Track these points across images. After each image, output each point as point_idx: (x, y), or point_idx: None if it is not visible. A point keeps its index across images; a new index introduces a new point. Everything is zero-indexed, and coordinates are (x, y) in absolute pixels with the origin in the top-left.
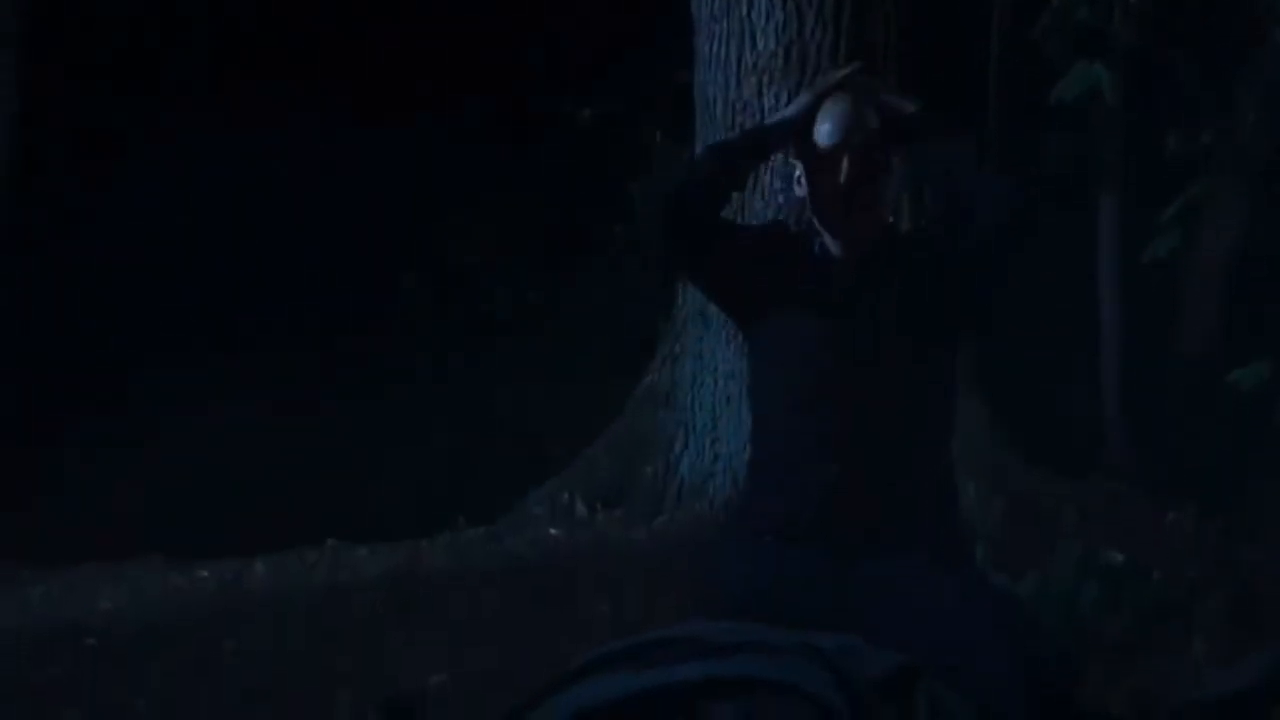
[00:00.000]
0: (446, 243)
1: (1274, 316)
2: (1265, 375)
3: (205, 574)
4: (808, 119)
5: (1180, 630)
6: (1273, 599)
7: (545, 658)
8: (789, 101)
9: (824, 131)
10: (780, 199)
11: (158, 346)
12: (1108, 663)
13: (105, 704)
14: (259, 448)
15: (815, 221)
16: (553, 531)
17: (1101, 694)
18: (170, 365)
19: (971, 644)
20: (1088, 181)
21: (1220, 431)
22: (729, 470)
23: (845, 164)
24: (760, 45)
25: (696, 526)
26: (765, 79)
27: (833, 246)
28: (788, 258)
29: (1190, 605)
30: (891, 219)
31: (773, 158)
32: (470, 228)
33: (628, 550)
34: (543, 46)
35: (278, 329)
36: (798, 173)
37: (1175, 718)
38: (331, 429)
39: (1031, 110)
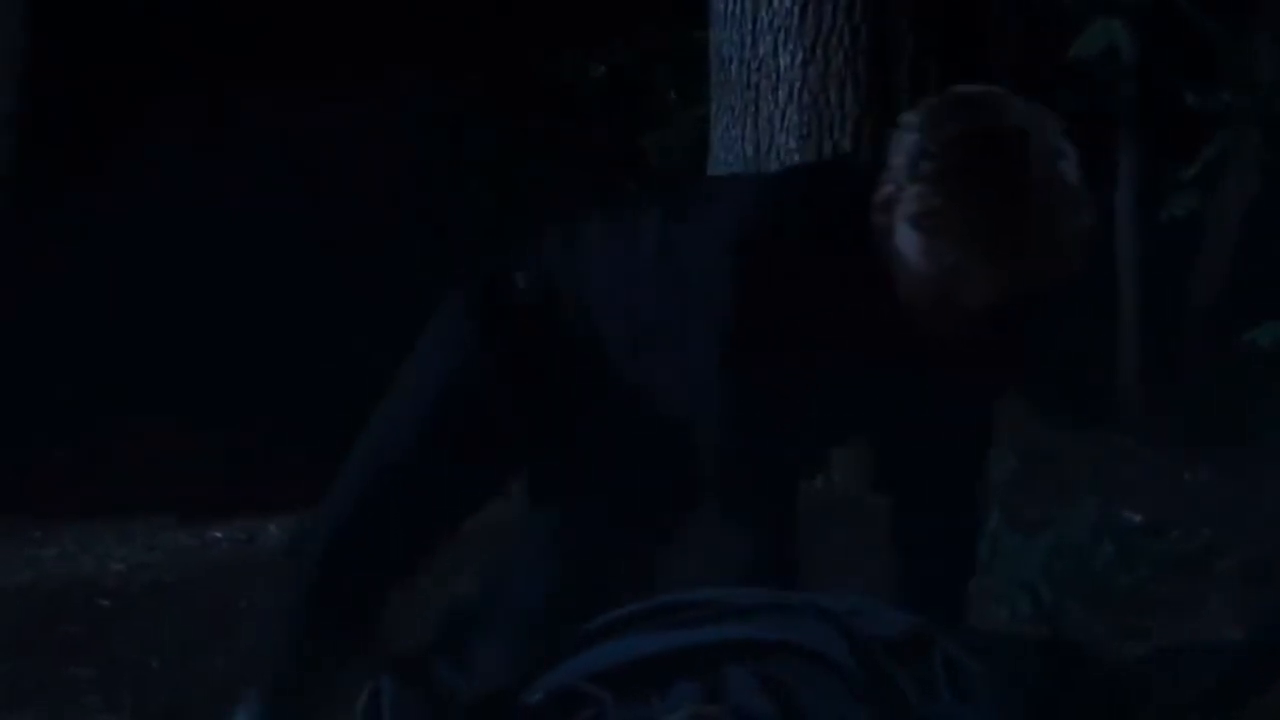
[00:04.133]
0: (456, 203)
1: None
2: None
3: (218, 534)
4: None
5: (1197, 589)
6: None
7: None
8: (805, 60)
9: None
10: (796, 158)
11: (165, 309)
12: (1123, 622)
13: (118, 663)
14: (270, 410)
15: None
16: None
17: (1118, 653)
18: (177, 331)
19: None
20: (1105, 139)
21: (1237, 388)
22: None
23: None
24: (776, 3)
25: None
26: (781, 37)
27: None
28: None
29: (1206, 564)
30: None
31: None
32: (481, 188)
33: None
34: (556, 2)
35: (288, 293)
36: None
37: (1192, 675)
38: (342, 390)
39: (1050, 67)
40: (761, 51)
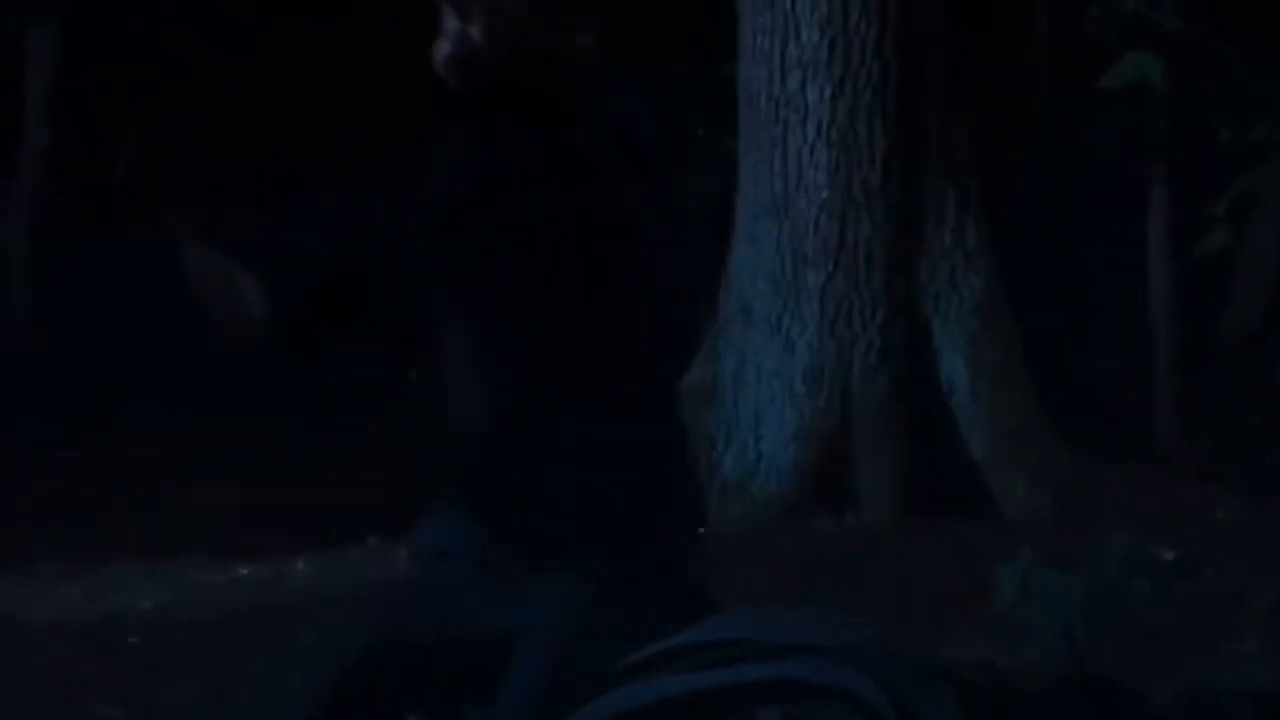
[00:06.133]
0: None
1: None
2: None
3: (245, 572)
4: None
5: (1231, 626)
6: None
7: None
8: (834, 95)
9: None
10: (825, 194)
11: (192, 343)
12: (1157, 661)
13: (144, 700)
14: (301, 445)
15: None
16: None
17: (1151, 691)
18: (209, 364)
19: None
20: (1137, 172)
21: (1270, 422)
22: (772, 470)
23: None
24: (804, 38)
25: (741, 525)
26: (809, 72)
27: None
28: None
29: (1241, 600)
30: None
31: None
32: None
33: None
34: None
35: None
36: None
37: (1225, 714)
38: (372, 427)
39: (1080, 100)
40: (790, 87)
